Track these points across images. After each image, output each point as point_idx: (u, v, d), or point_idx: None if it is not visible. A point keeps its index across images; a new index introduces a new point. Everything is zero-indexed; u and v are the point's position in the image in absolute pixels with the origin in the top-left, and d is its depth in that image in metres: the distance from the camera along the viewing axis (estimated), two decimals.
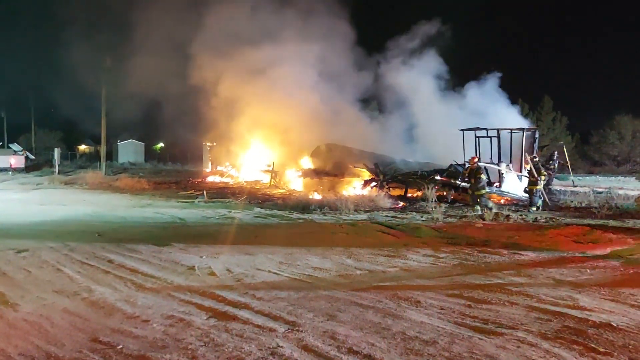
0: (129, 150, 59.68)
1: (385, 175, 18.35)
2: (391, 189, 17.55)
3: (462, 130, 18.36)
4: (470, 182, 14.38)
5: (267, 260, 7.49)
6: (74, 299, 5.57)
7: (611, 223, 11.23)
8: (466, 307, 5.28)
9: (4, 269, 6.92)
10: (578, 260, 7.56)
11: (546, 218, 12.24)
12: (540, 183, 14.12)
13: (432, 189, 14.88)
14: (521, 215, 12.81)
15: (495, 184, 16.17)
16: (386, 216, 12.72)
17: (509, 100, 22.04)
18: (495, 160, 16.97)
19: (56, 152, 32.65)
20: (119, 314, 5.06)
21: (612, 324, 4.76)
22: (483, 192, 13.94)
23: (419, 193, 16.12)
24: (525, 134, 17.31)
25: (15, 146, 39.98)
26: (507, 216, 12.44)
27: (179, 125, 34.00)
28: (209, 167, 32.68)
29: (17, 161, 34.80)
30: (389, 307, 5.27)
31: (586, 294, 5.78)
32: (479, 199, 13.69)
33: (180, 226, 11.29)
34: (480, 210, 13.05)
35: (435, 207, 13.21)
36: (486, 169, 15.77)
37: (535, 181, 14.14)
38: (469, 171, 14.47)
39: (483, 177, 14.26)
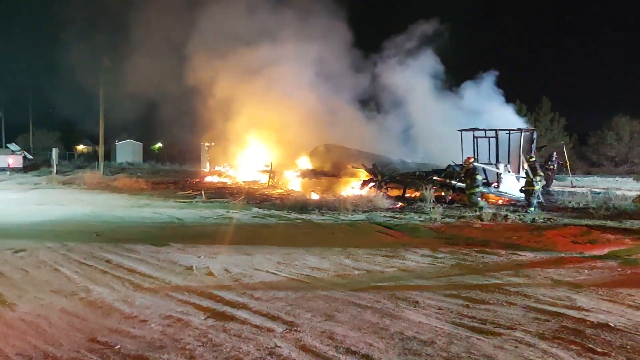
0: (127, 151, 59.57)
1: (383, 176, 18.34)
2: (389, 189, 17.53)
3: (461, 130, 18.36)
4: (466, 183, 14.39)
5: (265, 261, 7.49)
6: (71, 298, 5.57)
7: (609, 224, 11.25)
8: (464, 307, 5.29)
9: (1, 268, 6.92)
10: (576, 261, 7.57)
11: (544, 218, 12.26)
12: (537, 184, 14.10)
13: (430, 189, 14.87)
14: (519, 215, 12.83)
15: (493, 185, 16.18)
16: (384, 216, 12.72)
17: (505, 99, 21.98)
18: (494, 160, 16.98)
19: (54, 152, 32.64)
20: (117, 314, 5.05)
21: (610, 324, 4.77)
22: (476, 190, 14.00)
23: (417, 193, 16.12)
24: (523, 134, 17.32)
25: (13, 146, 39.87)
26: (505, 217, 12.46)
27: (177, 125, 34.09)
28: (207, 167, 32.67)
29: (15, 161, 34.76)
30: (387, 307, 5.28)
31: (584, 294, 5.79)
32: (471, 197, 13.76)
33: (178, 226, 11.28)
34: (478, 211, 13.06)
35: (433, 208, 13.22)
36: (484, 170, 15.79)
37: (531, 181, 14.13)
38: (465, 171, 14.45)
39: (479, 178, 14.29)
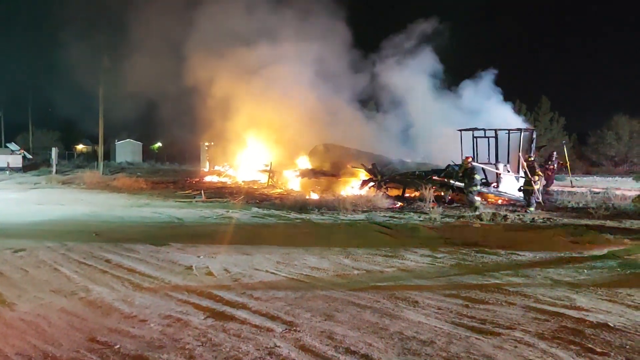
0: (127, 150, 59.54)
1: (383, 175, 18.34)
2: (389, 189, 17.53)
3: (460, 130, 18.36)
4: (464, 182, 14.39)
5: (264, 260, 7.49)
6: (71, 298, 5.57)
7: (608, 223, 11.27)
8: (463, 307, 5.29)
9: (1, 268, 6.91)
10: (575, 261, 7.58)
11: (543, 218, 12.27)
12: (536, 183, 14.10)
13: (429, 189, 14.88)
14: (519, 215, 12.84)
15: (492, 184, 16.19)
16: (384, 216, 12.72)
17: (502, 97, 21.95)
18: (493, 160, 16.98)
19: (54, 151, 32.63)
20: (117, 314, 5.05)
21: (609, 324, 4.77)
22: (473, 189, 14.02)
23: (417, 193, 16.12)
24: (522, 134, 17.33)
25: (12, 145, 39.83)
26: (505, 217, 12.47)
27: (177, 125, 34.11)
28: (206, 167, 32.70)
29: (14, 161, 34.73)
30: (386, 307, 5.28)
31: (583, 294, 5.79)
32: (468, 195, 13.79)
33: (178, 226, 11.27)
34: (474, 210, 13.08)
35: (432, 208, 13.23)
36: (483, 170, 15.79)
37: (530, 181, 14.13)
38: (463, 171, 14.44)
39: (477, 177, 14.30)
